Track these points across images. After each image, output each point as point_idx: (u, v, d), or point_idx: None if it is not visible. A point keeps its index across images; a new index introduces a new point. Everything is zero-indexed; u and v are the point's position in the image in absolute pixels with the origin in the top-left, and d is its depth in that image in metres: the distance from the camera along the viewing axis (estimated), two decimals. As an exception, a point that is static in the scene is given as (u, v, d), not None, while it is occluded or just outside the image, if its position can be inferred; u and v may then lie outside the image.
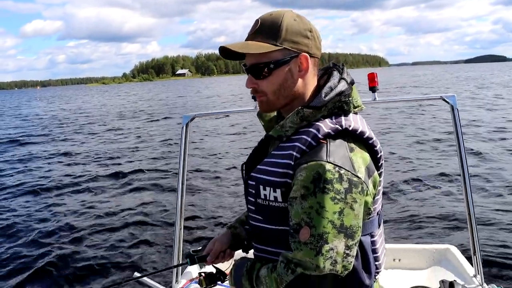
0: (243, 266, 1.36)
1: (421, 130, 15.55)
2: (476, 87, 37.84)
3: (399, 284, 2.61)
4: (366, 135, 1.27)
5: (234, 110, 3.15)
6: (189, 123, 2.71)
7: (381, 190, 1.32)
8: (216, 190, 9.03)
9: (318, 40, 1.32)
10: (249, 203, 1.36)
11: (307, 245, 1.13)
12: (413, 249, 3.08)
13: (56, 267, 5.66)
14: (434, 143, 12.73)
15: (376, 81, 2.38)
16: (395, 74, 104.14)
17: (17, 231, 7.19)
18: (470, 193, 2.41)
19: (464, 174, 2.41)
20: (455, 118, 2.43)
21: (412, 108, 22.25)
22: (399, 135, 14.65)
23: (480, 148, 11.36)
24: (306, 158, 1.18)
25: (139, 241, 6.39)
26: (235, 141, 15.89)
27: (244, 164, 1.45)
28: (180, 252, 2.68)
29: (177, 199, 2.68)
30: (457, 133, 2.43)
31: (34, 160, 14.26)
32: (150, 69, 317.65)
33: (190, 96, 52.24)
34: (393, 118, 19.44)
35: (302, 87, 1.31)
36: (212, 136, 17.37)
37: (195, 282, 2.70)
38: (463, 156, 2.41)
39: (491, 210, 6.57)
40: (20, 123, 28.61)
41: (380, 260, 1.34)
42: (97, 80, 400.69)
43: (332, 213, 1.12)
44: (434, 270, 2.92)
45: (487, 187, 7.86)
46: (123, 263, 5.69)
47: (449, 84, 45.26)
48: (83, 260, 5.81)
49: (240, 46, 1.27)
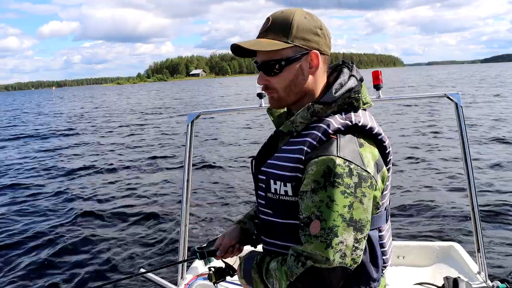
0: (253, 259, 1.38)
1: (426, 127, 15.56)
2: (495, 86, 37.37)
3: (403, 281, 2.60)
4: (375, 131, 1.29)
5: (240, 108, 3.17)
6: (194, 120, 2.73)
7: (389, 185, 1.34)
8: (222, 186, 9.08)
9: (328, 38, 1.34)
10: (259, 198, 1.38)
11: (317, 238, 1.15)
12: (417, 246, 3.08)
13: (60, 262, 5.71)
14: (437, 140, 12.75)
15: (380, 79, 2.40)
16: (409, 73, 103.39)
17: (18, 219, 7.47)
18: (474, 190, 2.41)
19: (468, 171, 2.41)
20: (459, 116, 2.44)
21: (417, 106, 22.26)
22: (403, 132, 14.64)
23: (487, 146, 11.36)
24: (316, 152, 1.20)
25: (144, 236, 6.43)
26: (241, 137, 16.03)
27: (254, 159, 1.48)
28: (186, 247, 2.68)
29: (182, 194, 2.70)
30: (461, 131, 2.43)
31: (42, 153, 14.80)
32: (164, 69, 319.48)
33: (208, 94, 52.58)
34: (399, 115, 19.44)
35: (312, 84, 1.33)
36: (218, 133, 17.56)
37: (201, 278, 2.71)
38: (467, 153, 2.42)
39: (495, 207, 6.57)
40: (40, 120, 29.19)
41: (388, 255, 1.36)
42: (112, 80, 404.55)
43: (342, 206, 1.14)
44: (438, 267, 2.91)
45: (491, 184, 7.82)
46: (127, 258, 5.72)
47: (466, 84, 44.70)
48: (88, 255, 5.86)
49: (251, 44, 1.30)
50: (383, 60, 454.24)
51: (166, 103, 39.90)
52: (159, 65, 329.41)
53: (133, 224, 7.03)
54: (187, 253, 2.70)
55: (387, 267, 1.37)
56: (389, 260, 1.37)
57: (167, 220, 7.07)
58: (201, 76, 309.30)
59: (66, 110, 40.82)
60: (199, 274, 2.79)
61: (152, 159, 12.68)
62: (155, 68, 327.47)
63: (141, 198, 8.59)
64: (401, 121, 17.66)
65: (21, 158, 14.49)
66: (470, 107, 20.48)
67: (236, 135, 16.79)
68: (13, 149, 16.84)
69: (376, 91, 2.44)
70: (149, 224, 7.00)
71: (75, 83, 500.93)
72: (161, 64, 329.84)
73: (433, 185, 8.15)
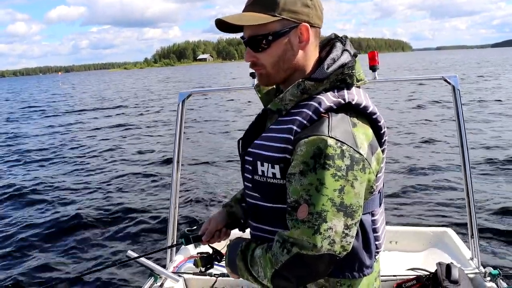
0: (238, 246, 1.31)
1: (422, 110, 15.50)
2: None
3: (396, 266, 2.58)
4: (369, 109, 1.21)
5: (231, 87, 3.20)
6: (186, 100, 2.69)
7: (383, 167, 1.27)
8: (211, 168, 9.09)
9: (320, 9, 1.25)
10: (245, 180, 1.31)
11: (304, 223, 1.08)
12: (410, 231, 3.09)
13: (48, 249, 5.66)
14: (434, 125, 12.70)
15: (376, 60, 2.33)
16: (417, 58, 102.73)
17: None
18: (470, 176, 2.41)
19: (464, 156, 2.41)
20: (456, 99, 2.42)
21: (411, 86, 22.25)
22: (396, 113, 14.62)
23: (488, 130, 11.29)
24: (306, 132, 1.13)
25: (133, 219, 6.41)
26: (231, 118, 16.23)
27: (241, 139, 1.40)
28: (175, 231, 2.67)
29: (172, 177, 2.67)
30: (458, 114, 2.42)
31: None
32: (171, 54, 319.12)
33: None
34: (394, 97, 19.41)
35: (303, 59, 1.25)
36: (208, 113, 17.76)
37: (190, 261, 2.70)
38: (463, 138, 2.40)
39: (490, 194, 6.55)
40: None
41: (381, 240, 1.29)
42: (119, 65, 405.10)
43: (332, 190, 1.07)
44: (431, 253, 2.91)
45: (487, 171, 7.76)
46: (117, 241, 5.72)
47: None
48: (77, 241, 5.82)
49: (236, 18, 1.22)
50: (392, 44, 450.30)
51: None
52: (166, 50, 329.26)
53: (122, 206, 7.02)
54: (176, 236, 2.68)
55: (380, 253, 1.31)
56: (382, 245, 1.30)
57: (157, 204, 7.07)
58: (208, 60, 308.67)
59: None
60: (188, 256, 2.78)
61: (145, 140, 12.97)
62: (162, 53, 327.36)
63: (130, 179, 8.69)
64: (396, 103, 17.72)
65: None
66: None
67: (228, 114, 17.12)
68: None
69: (372, 73, 2.37)
70: (139, 205, 7.00)
71: (82, 68, 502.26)
72: (168, 49, 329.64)
73: (428, 169, 8.13)
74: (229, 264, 1.35)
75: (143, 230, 6.00)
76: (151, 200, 7.29)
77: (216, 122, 16.01)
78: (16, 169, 10.50)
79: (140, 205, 7.04)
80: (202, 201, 7.02)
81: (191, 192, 7.49)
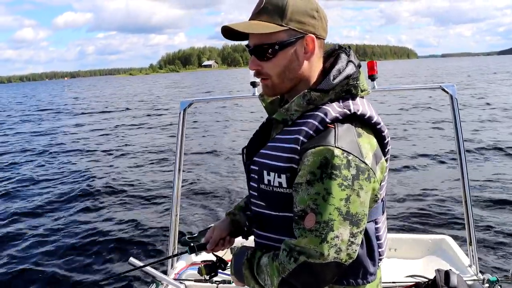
0: (243, 254, 1.32)
1: (419, 119, 15.51)
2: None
3: (395, 273, 2.57)
4: (374, 120, 1.23)
5: (233, 96, 3.18)
6: (187, 108, 2.70)
7: (386, 176, 1.28)
8: (213, 176, 9.08)
9: (325, 21, 1.27)
10: (251, 189, 1.32)
11: (312, 232, 1.10)
12: (409, 238, 3.09)
13: (49, 259, 5.57)
14: (431, 132, 12.74)
15: (375, 69, 2.35)
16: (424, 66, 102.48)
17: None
18: (468, 184, 2.42)
19: (462, 164, 2.41)
20: (453, 108, 2.43)
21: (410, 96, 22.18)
22: (396, 122, 14.63)
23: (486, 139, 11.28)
24: (313, 142, 1.14)
25: (135, 224, 6.41)
26: (233, 126, 16.20)
27: (245, 148, 1.41)
28: (176, 239, 2.67)
29: (173, 185, 2.67)
30: (456, 123, 2.43)
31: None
32: (176, 60, 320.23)
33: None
34: (391, 107, 19.37)
35: (308, 70, 1.26)
36: (211, 121, 17.77)
37: (191, 268, 2.70)
38: (461, 145, 2.41)
39: (488, 202, 6.56)
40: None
41: (383, 247, 1.31)
42: (124, 71, 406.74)
43: (339, 200, 1.09)
44: (430, 260, 2.92)
45: (484, 179, 7.74)
46: (119, 249, 5.68)
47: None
48: (80, 250, 5.76)
49: (243, 26, 1.23)
50: (397, 51, 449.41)
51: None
52: (171, 56, 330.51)
53: (124, 213, 7.02)
54: (177, 244, 2.67)
55: (382, 260, 1.33)
56: (384, 253, 1.32)
57: (158, 209, 7.08)
58: (213, 67, 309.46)
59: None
60: (190, 263, 2.79)
61: (147, 147, 13.00)
62: (168, 59, 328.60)
63: (133, 186, 8.68)
64: (396, 112, 17.74)
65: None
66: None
67: (230, 122, 17.08)
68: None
69: (371, 82, 2.39)
70: (141, 211, 7.01)
71: (88, 74, 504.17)
72: (173, 55, 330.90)
73: (426, 177, 8.15)
74: (235, 273, 1.36)
75: (144, 236, 6.00)
76: (152, 206, 7.29)
77: (218, 129, 16.05)
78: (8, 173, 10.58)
79: (141, 211, 7.06)
80: (203, 208, 7.02)
81: (193, 198, 7.50)
